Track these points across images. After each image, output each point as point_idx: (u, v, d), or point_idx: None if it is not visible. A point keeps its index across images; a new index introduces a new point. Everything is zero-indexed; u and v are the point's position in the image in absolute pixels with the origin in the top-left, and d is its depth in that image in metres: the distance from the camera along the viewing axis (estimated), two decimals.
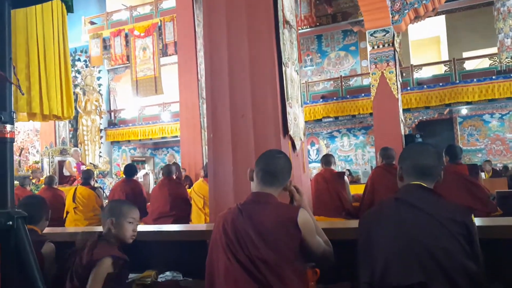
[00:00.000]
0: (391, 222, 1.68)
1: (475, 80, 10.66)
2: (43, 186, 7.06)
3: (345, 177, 5.07)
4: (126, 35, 13.40)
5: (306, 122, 11.26)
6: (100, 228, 2.58)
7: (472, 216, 1.66)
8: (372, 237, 1.70)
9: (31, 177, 9.26)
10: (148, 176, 10.99)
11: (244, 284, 1.70)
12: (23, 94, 4.10)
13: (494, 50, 11.53)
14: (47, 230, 3.24)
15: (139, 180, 9.43)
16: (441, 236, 1.58)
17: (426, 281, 1.53)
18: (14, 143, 1.42)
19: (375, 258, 1.64)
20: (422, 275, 1.53)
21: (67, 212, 5.92)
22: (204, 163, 8.39)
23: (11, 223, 1.35)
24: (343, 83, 12.58)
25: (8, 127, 1.35)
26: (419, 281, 1.53)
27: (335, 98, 12.43)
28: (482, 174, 8.89)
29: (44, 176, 8.26)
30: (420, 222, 1.63)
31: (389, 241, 1.64)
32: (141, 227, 3.77)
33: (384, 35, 9.55)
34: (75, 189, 6.04)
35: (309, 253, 1.83)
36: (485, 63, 11.88)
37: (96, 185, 6.78)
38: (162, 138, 14.66)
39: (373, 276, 1.62)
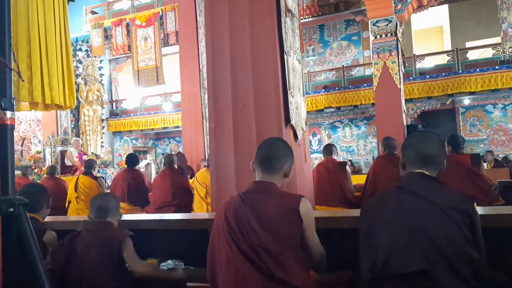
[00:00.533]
0: (393, 210, 1.67)
1: (478, 70, 10.58)
2: (45, 175, 7.07)
3: (347, 167, 5.05)
4: (127, 25, 13.35)
5: (308, 112, 11.24)
6: None
7: (475, 204, 1.65)
8: (374, 225, 1.70)
9: (33, 167, 9.29)
10: (150, 166, 11.02)
11: (246, 272, 1.71)
12: (23, 81, 4.09)
13: (497, 40, 11.44)
14: (49, 218, 3.26)
15: (141, 170, 9.46)
16: (444, 224, 1.57)
17: (428, 269, 1.53)
18: (15, 132, 1.42)
19: (377, 246, 1.64)
20: (424, 263, 1.53)
21: (69, 202, 5.94)
22: (207, 153, 8.39)
23: (12, 210, 1.35)
24: (345, 73, 12.52)
25: (8, 113, 1.34)
26: (421, 269, 1.53)
27: (337, 88, 12.39)
28: (484, 165, 8.88)
29: (46, 166, 8.28)
30: (422, 210, 1.62)
31: (391, 229, 1.63)
32: (143, 216, 3.79)
33: (387, 25, 9.48)
34: (77, 178, 6.06)
35: (307, 252, 1.83)
36: (488, 53, 11.79)
37: (98, 175, 6.79)
38: (164, 128, 14.65)
39: (375, 264, 1.62)
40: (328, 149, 5.18)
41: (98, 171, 6.95)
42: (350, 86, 12.22)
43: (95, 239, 2.30)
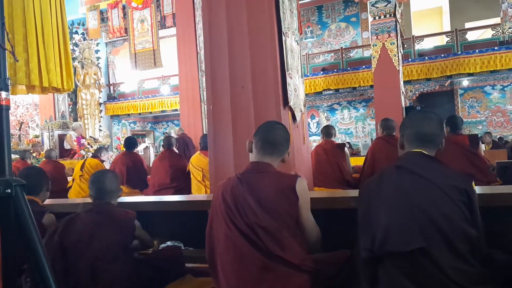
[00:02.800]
0: (392, 189, 1.68)
1: (477, 51, 10.51)
2: (43, 159, 7.08)
3: (346, 149, 5.06)
4: (124, 7, 13.16)
5: (306, 95, 11.18)
6: None
7: (473, 183, 1.66)
8: (373, 204, 1.70)
9: (31, 151, 9.28)
10: (148, 150, 11.02)
11: (244, 251, 1.72)
12: (17, 61, 4.06)
13: (497, 20, 11.34)
14: (48, 201, 3.26)
15: (140, 153, 9.45)
16: (442, 202, 1.58)
17: (426, 247, 1.54)
18: (13, 117, 1.41)
19: (376, 225, 1.65)
20: (422, 241, 1.54)
21: (73, 180, 6.04)
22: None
23: (9, 190, 1.34)
24: (343, 55, 12.43)
25: (3, 94, 1.33)
26: (419, 247, 1.54)
27: (335, 70, 12.31)
28: (483, 146, 8.90)
29: (45, 150, 8.28)
30: (421, 188, 1.62)
31: (390, 207, 1.64)
32: (142, 198, 3.81)
33: (386, 5, 9.38)
34: (85, 160, 6.24)
35: (304, 233, 1.85)
36: (487, 34, 11.69)
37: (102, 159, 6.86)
38: (162, 111, 14.60)
39: (374, 242, 1.63)
40: (327, 131, 5.18)
41: (102, 155, 6.94)
42: (348, 68, 12.15)
43: (103, 219, 2.30)
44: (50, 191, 2.86)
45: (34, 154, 9.15)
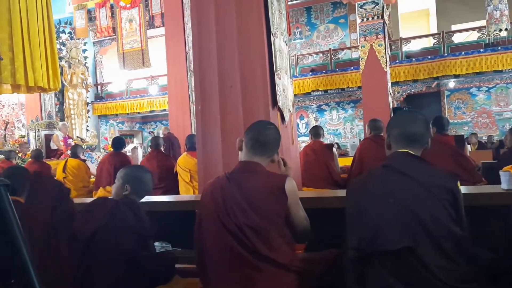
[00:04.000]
0: (379, 189, 1.69)
1: (463, 53, 10.66)
2: (29, 159, 6.99)
3: (334, 149, 5.08)
4: (112, 6, 13.06)
5: (295, 95, 11.20)
6: (89, 200, 2.57)
7: (458, 183, 1.68)
8: (361, 203, 1.72)
9: (17, 151, 9.16)
10: (136, 150, 10.95)
11: (232, 250, 1.72)
12: (1, 59, 4.01)
13: (483, 23, 11.49)
14: None
15: (128, 154, 9.39)
16: (429, 201, 1.60)
17: (413, 246, 1.55)
18: None
19: (363, 224, 1.66)
20: (409, 240, 1.56)
21: None
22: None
23: None
24: (332, 56, 12.49)
25: None
26: (406, 246, 1.55)
27: (324, 71, 12.36)
28: (468, 147, 9.01)
29: (31, 150, 8.17)
30: (407, 188, 1.64)
31: (377, 207, 1.65)
32: None
33: (374, 7, 9.45)
34: (66, 161, 6.09)
35: (291, 226, 1.85)
36: (473, 36, 11.85)
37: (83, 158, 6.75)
38: (151, 111, 14.52)
39: (361, 242, 1.63)
40: (315, 131, 5.20)
41: (83, 155, 6.88)
42: (337, 69, 12.22)
43: (122, 213, 2.27)
44: None
45: (20, 155, 9.04)
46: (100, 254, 2.11)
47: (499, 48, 10.37)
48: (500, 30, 9.82)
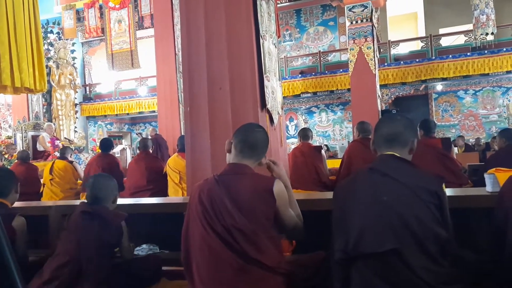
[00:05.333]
0: (365, 191, 1.70)
1: (450, 56, 10.78)
2: (15, 161, 6.91)
3: (322, 151, 5.11)
4: (101, 7, 12.97)
5: (284, 97, 11.22)
6: (76, 202, 2.58)
7: (443, 185, 1.70)
8: (347, 206, 1.73)
9: (4, 153, 9.04)
10: (125, 151, 10.87)
11: (220, 253, 1.72)
12: None
13: (469, 26, 11.65)
14: (20, 204, 3.19)
15: (116, 155, 9.32)
16: (414, 204, 1.61)
17: (398, 248, 1.56)
18: None
19: (349, 227, 1.67)
20: (395, 242, 1.57)
21: (44, 185, 5.87)
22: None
23: None
24: (321, 58, 12.55)
25: None
26: (392, 248, 1.57)
27: (313, 73, 12.42)
28: (456, 149, 9.11)
29: (17, 151, 8.08)
30: (393, 190, 1.65)
31: (363, 209, 1.66)
32: (118, 201, 3.74)
33: (363, 10, 9.52)
34: (53, 162, 6.05)
35: (281, 224, 1.86)
36: (460, 40, 12.00)
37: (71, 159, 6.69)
38: (140, 113, 14.44)
39: (348, 244, 1.64)
40: (304, 133, 5.22)
41: (71, 156, 6.82)
42: (326, 72, 12.27)
43: (93, 220, 2.30)
44: (23, 193, 2.80)
45: (6, 156, 8.92)
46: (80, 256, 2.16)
47: (486, 52, 10.51)
48: (487, 34, 9.97)
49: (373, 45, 9.55)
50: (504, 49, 10.37)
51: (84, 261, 2.18)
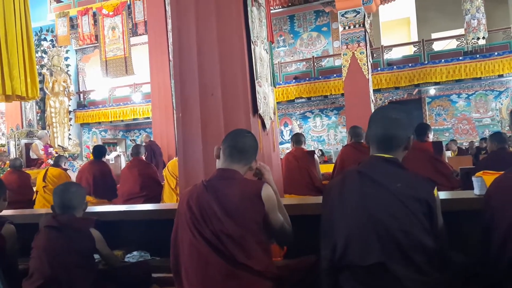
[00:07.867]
0: (352, 199, 1.65)
1: (443, 60, 10.86)
2: (8, 169, 6.88)
3: (315, 156, 5.12)
4: (94, 14, 12.98)
5: (279, 103, 11.24)
6: None
7: (435, 189, 1.64)
8: (335, 211, 1.70)
9: None
10: (120, 158, 10.84)
11: (208, 258, 1.71)
12: None
13: (461, 31, 11.75)
14: (11, 212, 3.17)
15: (111, 162, 9.30)
16: (402, 215, 1.56)
17: (384, 261, 1.53)
18: None
19: (336, 235, 1.64)
20: (381, 255, 1.54)
21: (37, 192, 5.85)
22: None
23: None
24: (315, 63, 12.60)
25: None
26: (378, 261, 1.54)
27: (307, 79, 12.46)
28: (449, 153, 9.16)
29: (10, 159, 8.04)
30: (381, 199, 1.60)
31: (350, 218, 1.63)
32: (109, 207, 3.74)
33: (355, 16, 9.59)
34: (47, 169, 6.04)
35: (270, 229, 1.85)
36: (453, 44, 12.10)
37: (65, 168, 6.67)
38: (134, 119, 14.42)
39: (334, 253, 1.63)
40: (297, 138, 5.24)
41: (65, 164, 6.80)
42: (320, 77, 12.32)
43: (61, 230, 2.27)
44: (15, 201, 2.78)
45: None
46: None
47: (477, 56, 10.59)
48: (478, 38, 10.06)
49: (366, 50, 9.61)
50: (496, 53, 10.45)
51: (63, 279, 2.14)
